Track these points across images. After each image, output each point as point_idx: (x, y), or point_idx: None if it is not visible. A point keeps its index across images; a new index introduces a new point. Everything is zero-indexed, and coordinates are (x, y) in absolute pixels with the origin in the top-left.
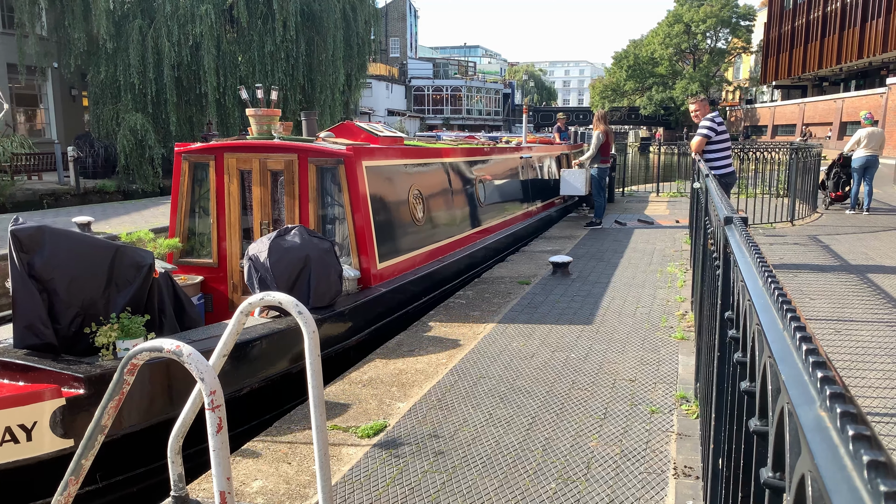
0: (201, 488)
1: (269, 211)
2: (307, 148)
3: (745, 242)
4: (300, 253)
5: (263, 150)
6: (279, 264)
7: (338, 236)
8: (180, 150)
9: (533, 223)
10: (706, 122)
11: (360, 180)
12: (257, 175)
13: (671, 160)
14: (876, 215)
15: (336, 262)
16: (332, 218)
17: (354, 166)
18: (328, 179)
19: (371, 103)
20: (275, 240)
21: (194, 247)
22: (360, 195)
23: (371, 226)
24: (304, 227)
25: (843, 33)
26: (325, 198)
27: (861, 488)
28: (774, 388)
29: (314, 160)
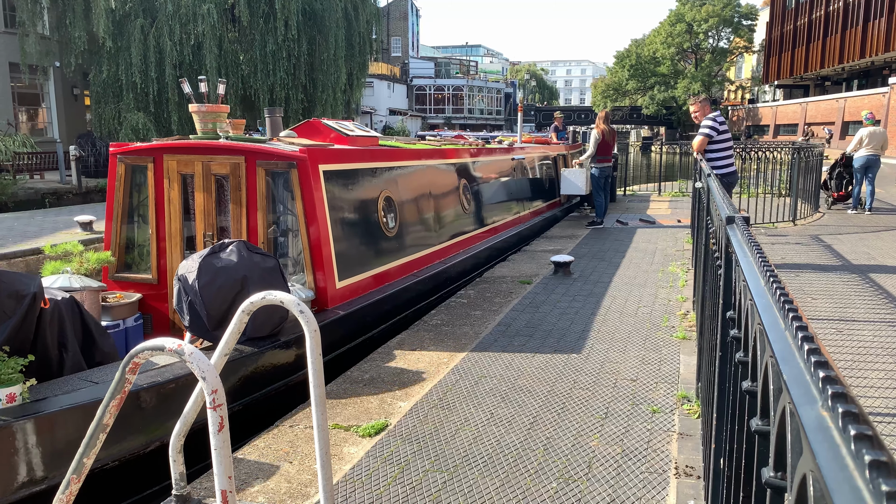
0: (203, 487)
1: (214, 220)
2: (255, 149)
3: (746, 242)
4: (236, 273)
5: (207, 152)
6: (210, 287)
7: (291, 250)
8: (115, 151)
9: (525, 229)
10: (708, 122)
11: (315, 186)
12: (200, 179)
13: (673, 160)
14: (878, 215)
15: (282, 283)
16: (285, 229)
17: (309, 170)
18: (279, 185)
19: (373, 103)
20: (206, 258)
21: (132, 261)
22: (315, 203)
23: (329, 238)
24: (243, 243)
25: (845, 33)
26: (277, 206)
27: (863, 488)
28: (776, 388)
29: (263, 163)
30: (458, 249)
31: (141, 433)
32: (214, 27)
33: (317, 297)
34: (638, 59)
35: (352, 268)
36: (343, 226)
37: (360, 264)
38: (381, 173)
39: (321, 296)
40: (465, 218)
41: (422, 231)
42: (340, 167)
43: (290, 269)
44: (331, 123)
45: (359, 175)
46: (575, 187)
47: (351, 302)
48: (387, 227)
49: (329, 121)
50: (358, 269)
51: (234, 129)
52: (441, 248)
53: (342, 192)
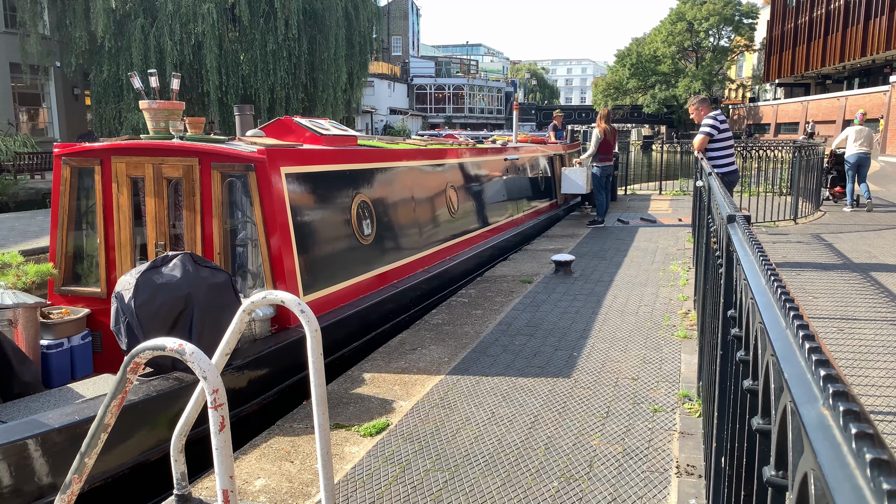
0: (204, 487)
1: (166, 229)
2: (210, 150)
3: (747, 241)
4: (178, 291)
5: (158, 153)
6: (148, 307)
7: (251, 262)
8: (60, 152)
9: (519, 232)
10: (708, 121)
11: (276, 190)
12: (151, 183)
13: (674, 158)
14: (880, 214)
15: (234, 300)
16: (244, 238)
17: (268, 172)
18: (237, 189)
19: (373, 102)
20: (145, 273)
21: (80, 273)
22: (276, 208)
23: (292, 248)
24: (190, 256)
25: (846, 31)
26: (235, 212)
27: (864, 486)
28: (777, 387)
29: (218, 165)
30: (444, 257)
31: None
32: (215, 27)
33: (277, 313)
34: (639, 57)
35: (319, 280)
36: (309, 234)
37: (330, 276)
38: (356, 176)
39: (282, 312)
40: (453, 223)
41: (402, 238)
42: (306, 169)
43: (249, 282)
44: (303, 122)
45: (329, 178)
46: (576, 186)
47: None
48: (362, 234)
49: (302, 119)
50: (327, 281)
51: (194, 128)
52: (425, 255)
53: (309, 197)
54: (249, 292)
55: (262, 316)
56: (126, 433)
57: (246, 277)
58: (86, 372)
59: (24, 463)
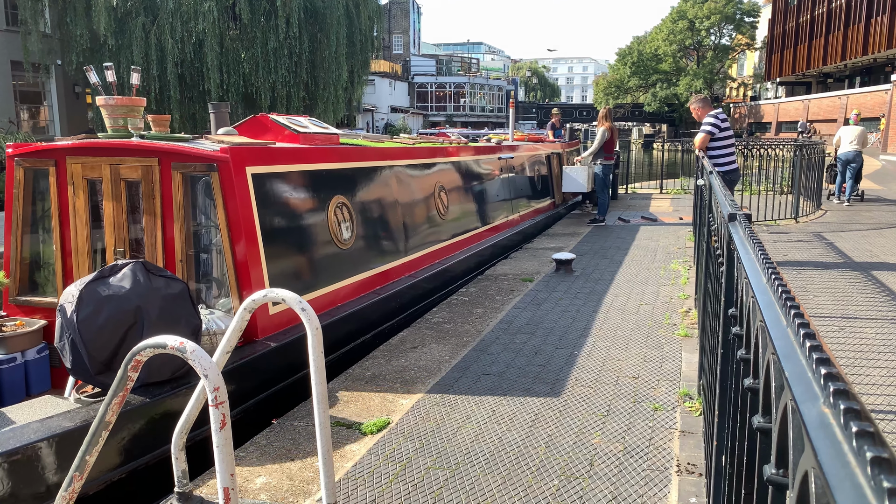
0: (205, 484)
1: (125, 234)
2: (170, 150)
3: (748, 239)
4: (126, 303)
5: (116, 153)
6: (91, 322)
7: (215, 269)
8: (13, 153)
9: (513, 235)
10: (710, 119)
11: (241, 192)
12: (108, 185)
13: (675, 157)
14: (881, 213)
15: (190, 313)
16: (209, 244)
17: (232, 172)
18: (200, 191)
19: (374, 100)
20: (89, 285)
21: (37, 281)
22: (241, 212)
23: (260, 254)
24: (142, 264)
25: (847, 30)
26: (198, 216)
27: (864, 485)
28: (778, 385)
29: (179, 166)
30: (433, 260)
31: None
32: (215, 25)
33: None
34: (640, 56)
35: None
36: (280, 238)
37: (303, 284)
38: (333, 176)
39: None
40: (442, 226)
41: (386, 242)
42: (276, 169)
43: (214, 291)
44: (280, 119)
45: (303, 178)
46: (577, 185)
47: (288, 331)
48: (340, 238)
49: (279, 116)
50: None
51: (158, 126)
52: (410, 260)
53: (279, 199)
54: (215, 302)
55: (223, 328)
56: (58, 466)
57: (211, 286)
58: (42, 388)
59: None
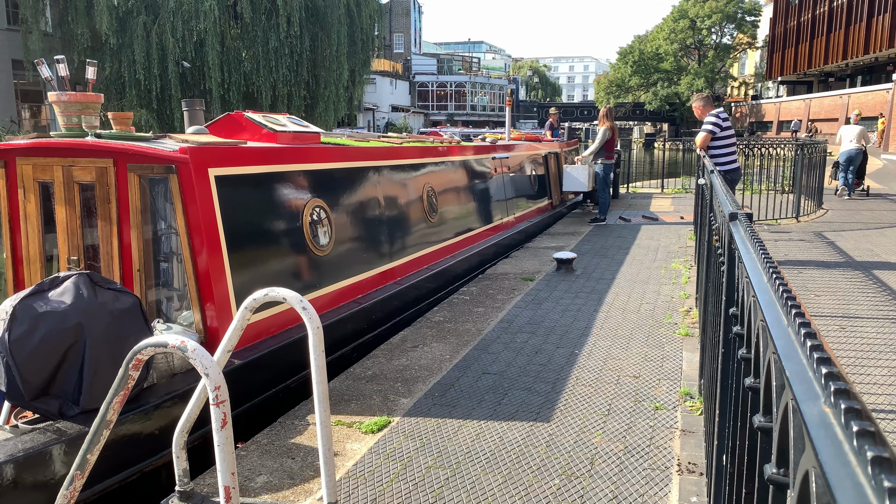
0: (206, 483)
1: (80, 241)
2: (126, 150)
3: (749, 239)
4: (65, 321)
5: (68, 154)
6: (25, 341)
7: (176, 279)
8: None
9: (507, 237)
10: (711, 118)
11: (202, 195)
12: (61, 189)
13: (676, 156)
14: (882, 212)
15: (141, 330)
16: (168, 252)
17: (192, 174)
18: (158, 194)
19: (375, 99)
20: (24, 300)
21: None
22: (202, 217)
23: (223, 262)
24: (87, 276)
25: (848, 29)
26: (158, 222)
27: (865, 484)
28: (779, 385)
29: (135, 167)
30: (421, 265)
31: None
32: (216, 24)
33: (206, 340)
34: (641, 55)
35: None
36: (247, 246)
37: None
38: (310, 177)
39: (211, 339)
40: (430, 229)
41: (368, 248)
42: (244, 171)
43: (176, 303)
44: (255, 117)
45: (274, 180)
46: (578, 184)
47: (256, 346)
48: (316, 244)
49: (254, 114)
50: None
51: (119, 124)
52: (395, 266)
53: (246, 203)
54: (176, 315)
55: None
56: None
57: (172, 298)
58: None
59: None
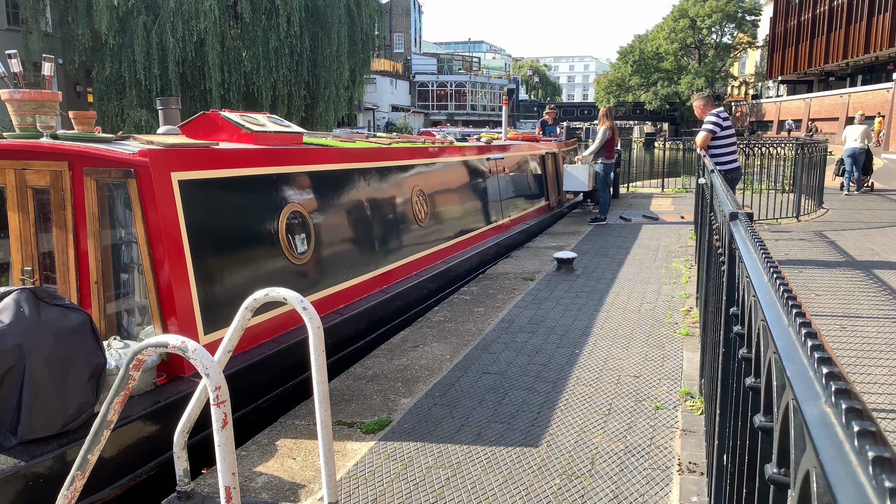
0: (207, 483)
1: (34, 250)
2: (82, 153)
3: (750, 238)
4: (3, 342)
5: (21, 156)
6: None
7: (137, 292)
8: None
9: (502, 241)
10: (711, 118)
11: (164, 201)
12: (14, 194)
13: (676, 156)
14: (883, 211)
15: (91, 350)
16: (129, 262)
17: (152, 179)
18: (117, 200)
19: (375, 99)
20: None
21: None
22: (163, 225)
23: (188, 274)
24: (31, 292)
25: (849, 28)
26: (117, 230)
27: (866, 484)
28: (779, 384)
29: (92, 171)
30: (409, 272)
31: None
32: (217, 23)
33: (168, 358)
34: (641, 54)
35: (228, 314)
36: (215, 256)
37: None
38: (286, 181)
39: (173, 357)
40: (420, 234)
41: (351, 255)
42: (212, 174)
43: (137, 318)
44: (232, 117)
45: (247, 184)
46: (578, 183)
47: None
48: (293, 251)
49: (231, 113)
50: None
51: (81, 124)
52: (381, 274)
53: (215, 209)
54: (138, 331)
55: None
56: None
57: (133, 312)
58: None
59: None
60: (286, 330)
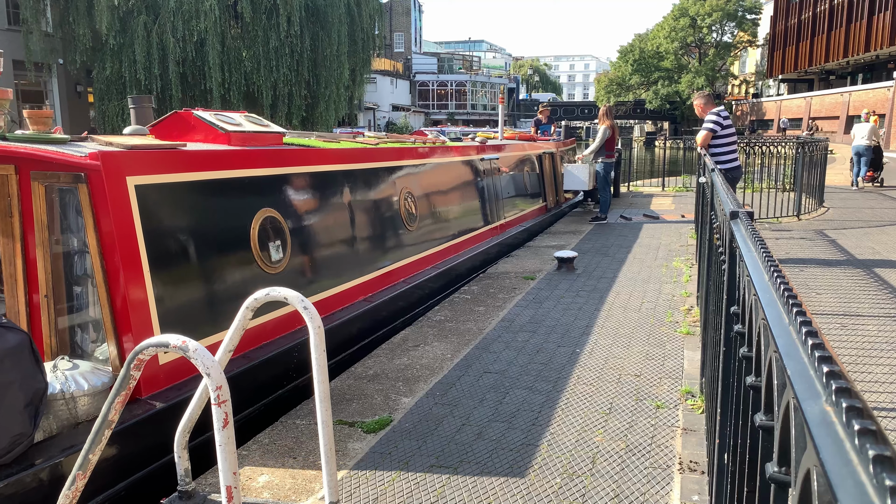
0: (208, 483)
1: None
2: (29, 155)
3: (750, 237)
4: None
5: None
6: None
7: (91, 306)
8: None
9: (496, 244)
10: (712, 117)
11: (118, 207)
12: None
13: (677, 154)
14: (883, 210)
15: (29, 373)
16: (82, 274)
17: (105, 184)
18: (69, 207)
19: (375, 98)
20: None
21: None
22: (117, 233)
23: (145, 286)
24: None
25: (849, 26)
26: (69, 239)
27: (866, 483)
28: (780, 383)
29: (40, 175)
30: (397, 279)
31: None
32: (217, 23)
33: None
34: (641, 53)
35: (195, 329)
36: (177, 266)
37: (210, 322)
38: (261, 184)
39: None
40: (409, 238)
41: (333, 262)
42: (174, 178)
43: (91, 334)
44: (206, 116)
45: (215, 189)
46: (579, 182)
47: (185, 383)
48: (266, 260)
49: (204, 112)
50: (204, 329)
51: (36, 124)
52: (365, 281)
53: (178, 216)
54: (93, 348)
55: (86, 389)
56: None
57: (87, 328)
58: None
59: None
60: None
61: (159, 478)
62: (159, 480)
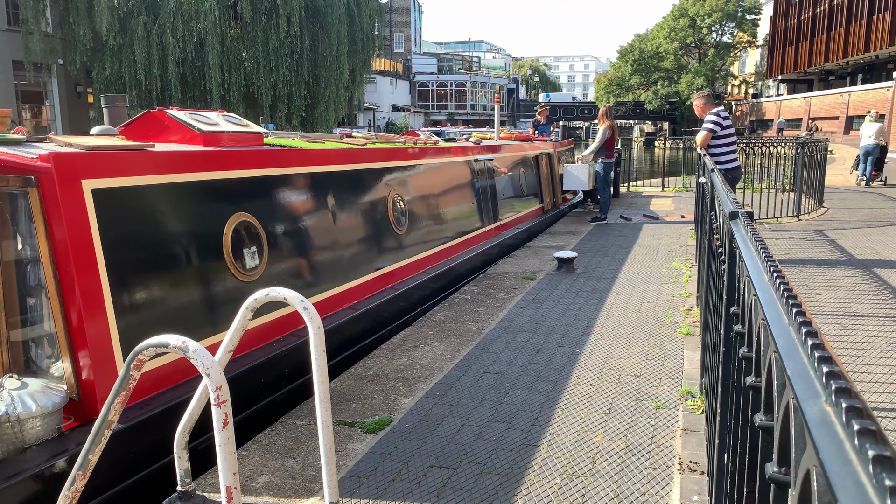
0: (207, 483)
1: None
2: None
3: (750, 237)
4: None
5: None
6: None
7: (46, 321)
8: None
9: (492, 247)
10: (712, 117)
11: (72, 213)
12: None
13: (676, 155)
14: (884, 210)
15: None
16: (36, 284)
17: (57, 188)
18: (20, 212)
19: (375, 99)
20: None
21: None
22: (71, 241)
23: (104, 297)
24: None
25: (849, 27)
26: (22, 247)
27: (866, 483)
28: (780, 383)
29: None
30: (383, 286)
31: None
32: (217, 24)
33: (80, 397)
34: (641, 53)
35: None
36: (140, 276)
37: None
38: (234, 188)
39: (86, 395)
40: (398, 242)
41: (313, 269)
42: (136, 182)
43: (47, 349)
44: (180, 115)
45: (181, 192)
46: (579, 182)
47: (147, 402)
48: (241, 267)
49: (179, 111)
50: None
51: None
52: (350, 288)
53: (140, 222)
54: (48, 364)
55: (34, 410)
56: None
57: (41, 343)
58: None
59: None
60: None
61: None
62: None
